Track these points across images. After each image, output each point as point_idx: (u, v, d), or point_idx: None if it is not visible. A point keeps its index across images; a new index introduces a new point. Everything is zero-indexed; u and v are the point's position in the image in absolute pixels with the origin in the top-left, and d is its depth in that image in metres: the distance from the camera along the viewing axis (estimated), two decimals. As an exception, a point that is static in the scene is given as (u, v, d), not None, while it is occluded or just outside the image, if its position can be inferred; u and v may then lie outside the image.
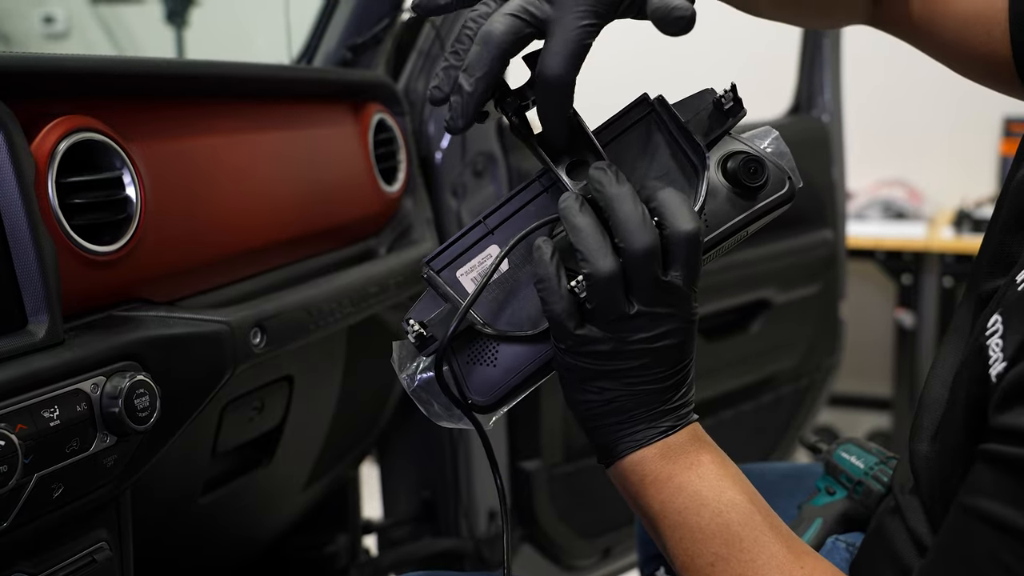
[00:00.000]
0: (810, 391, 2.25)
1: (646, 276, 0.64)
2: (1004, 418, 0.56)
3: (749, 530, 0.66)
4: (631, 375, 0.67)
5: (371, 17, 1.54)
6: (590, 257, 0.64)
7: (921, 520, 0.72)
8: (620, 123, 0.72)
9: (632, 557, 1.96)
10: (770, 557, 0.65)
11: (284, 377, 1.29)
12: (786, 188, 0.72)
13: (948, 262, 3.09)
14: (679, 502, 0.67)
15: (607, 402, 0.68)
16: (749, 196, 0.71)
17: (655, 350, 0.66)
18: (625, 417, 0.68)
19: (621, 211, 0.64)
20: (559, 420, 1.81)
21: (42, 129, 0.86)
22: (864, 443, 0.97)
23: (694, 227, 0.64)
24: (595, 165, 0.67)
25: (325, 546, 1.66)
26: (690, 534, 0.66)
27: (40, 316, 0.82)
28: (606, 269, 0.64)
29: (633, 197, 0.65)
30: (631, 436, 0.68)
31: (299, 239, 1.24)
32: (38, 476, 0.79)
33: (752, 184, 0.71)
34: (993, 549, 0.55)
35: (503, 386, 0.72)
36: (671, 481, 0.67)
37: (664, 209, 0.65)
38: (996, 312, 0.60)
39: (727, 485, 0.67)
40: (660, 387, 0.67)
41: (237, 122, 1.17)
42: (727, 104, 0.71)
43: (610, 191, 0.65)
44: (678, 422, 0.68)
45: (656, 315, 0.65)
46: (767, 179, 0.71)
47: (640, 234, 0.63)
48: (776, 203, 0.72)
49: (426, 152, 1.64)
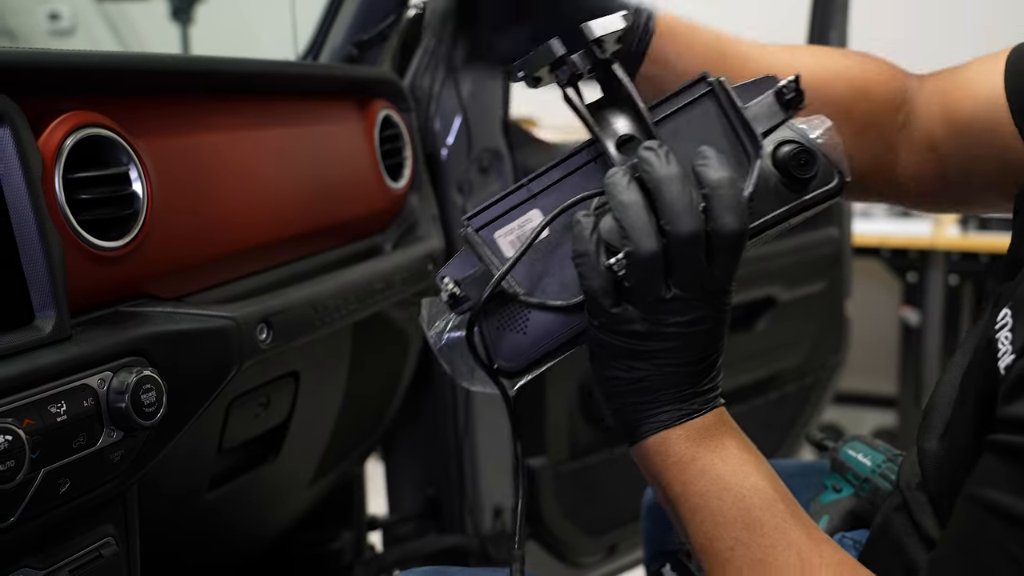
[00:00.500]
0: (815, 389, 2.25)
1: (687, 262, 0.64)
2: (1012, 408, 0.56)
3: (770, 516, 0.65)
4: (661, 357, 0.66)
5: (377, 13, 1.54)
6: (633, 236, 0.63)
7: (928, 516, 0.72)
8: (676, 101, 0.70)
9: (637, 554, 1.97)
10: (790, 544, 0.64)
11: (290, 373, 1.29)
12: (835, 182, 0.70)
13: (954, 260, 3.09)
14: (701, 485, 0.67)
15: (635, 381, 0.67)
16: (797, 187, 0.70)
17: (687, 335, 0.66)
18: (652, 397, 0.67)
19: (669, 193, 0.63)
20: (564, 417, 1.81)
21: (49, 125, 0.86)
22: (871, 440, 0.97)
23: (740, 224, 0.64)
24: (646, 144, 0.66)
25: (330, 542, 1.66)
26: (711, 517, 0.66)
27: (47, 311, 0.82)
28: (648, 249, 0.63)
29: (682, 180, 0.63)
30: (656, 416, 0.68)
31: (305, 235, 1.24)
32: (45, 471, 0.79)
33: (801, 176, 0.70)
34: (1000, 539, 0.55)
35: (531, 354, 0.71)
36: (694, 463, 0.67)
37: (715, 202, 0.64)
38: (1006, 306, 0.60)
39: (750, 470, 0.67)
40: (689, 371, 0.67)
41: (243, 118, 1.17)
42: (788, 95, 0.68)
43: (660, 172, 0.64)
44: (704, 405, 0.68)
45: (692, 301, 0.65)
46: (817, 171, 0.70)
47: (687, 219, 0.63)
48: (823, 196, 0.71)
49: (432, 148, 1.64)
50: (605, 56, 0.68)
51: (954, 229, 3.12)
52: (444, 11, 1.63)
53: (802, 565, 0.64)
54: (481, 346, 0.72)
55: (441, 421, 1.74)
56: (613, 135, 0.69)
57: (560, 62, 0.68)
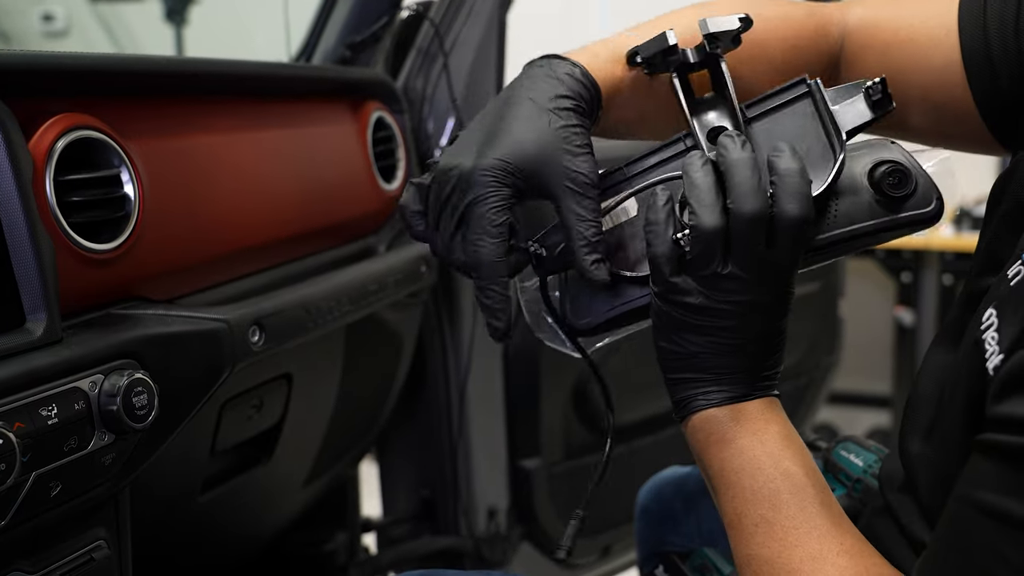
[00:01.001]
0: (809, 389, 2.25)
1: (746, 241, 0.67)
2: (1001, 408, 0.56)
3: (798, 499, 0.67)
4: (716, 334, 0.69)
5: (370, 15, 1.54)
6: (698, 210, 0.67)
7: (916, 519, 0.72)
8: (773, 100, 0.74)
9: (632, 555, 1.96)
10: (813, 527, 0.66)
11: (283, 375, 1.29)
12: (931, 207, 0.72)
13: (948, 260, 3.09)
14: (737, 463, 0.69)
15: (690, 355, 0.70)
16: (890, 205, 0.72)
17: (743, 315, 0.68)
18: (704, 375, 0.70)
19: (738, 175, 0.67)
20: (559, 418, 1.81)
21: (40, 127, 0.86)
22: (863, 441, 0.97)
23: (801, 212, 0.66)
24: (726, 132, 0.70)
25: (324, 544, 1.66)
26: (742, 494, 0.69)
27: (38, 314, 0.82)
28: (710, 224, 0.66)
29: (753, 165, 0.67)
30: (705, 394, 0.71)
31: (298, 237, 1.24)
32: (36, 474, 0.79)
33: (893, 194, 0.71)
34: (992, 540, 0.54)
35: (599, 316, 0.77)
36: (734, 443, 0.70)
37: (780, 187, 0.67)
38: (990, 306, 0.60)
39: (787, 456, 0.69)
40: (742, 351, 0.70)
41: (235, 120, 1.16)
42: (875, 96, 0.71)
43: (732, 156, 0.67)
44: (754, 390, 0.71)
45: (749, 282, 0.67)
46: (912, 192, 0.71)
47: (750, 199, 0.66)
48: (916, 219, 0.72)
49: (425, 150, 1.64)
50: (716, 51, 0.73)
51: (948, 229, 3.12)
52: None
53: (820, 548, 0.66)
54: (558, 304, 0.79)
55: (435, 422, 1.74)
56: (706, 126, 0.74)
57: (672, 50, 0.73)
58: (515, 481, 1.80)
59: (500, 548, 1.79)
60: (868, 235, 0.72)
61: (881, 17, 0.86)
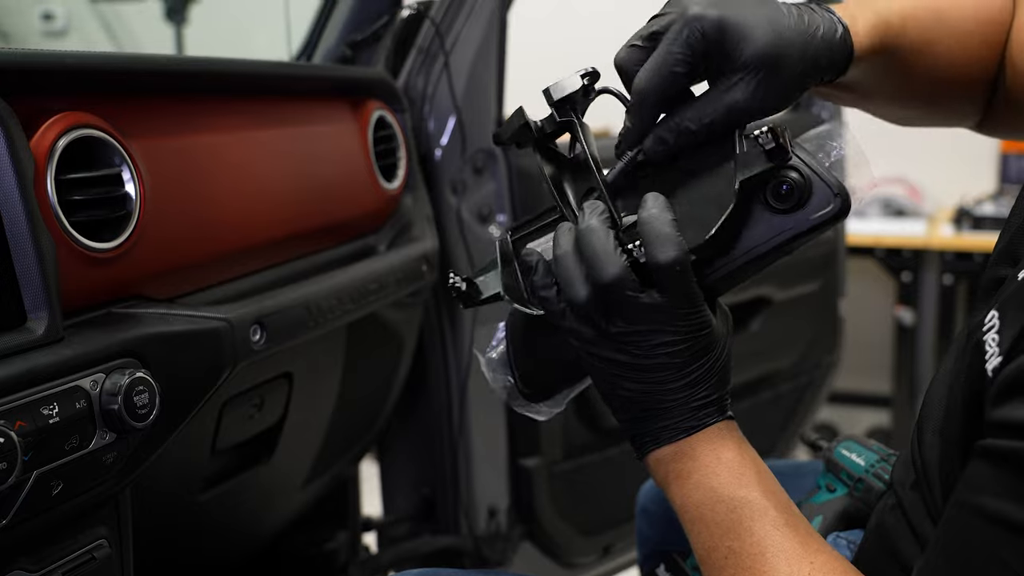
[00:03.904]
0: (810, 388, 2.25)
1: (619, 302, 0.68)
2: (1000, 412, 0.55)
3: (761, 524, 0.67)
4: (642, 379, 0.70)
5: (371, 14, 1.54)
6: (564, 288, 0.70)
7: (924, 517, 0.72)
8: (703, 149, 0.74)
9: (632, 554, 1.96)
10: (780, 551, 0.66)
11: (284, 374, 1.29)
12: (831, 206, 0.69)
13: (948, 259, 3.09)
14: (696, 497, 0.70)
15: (628, 399, 0.71)
16: (788, 215, 0.70)
17: (658, 356, 0.69)
18: (647, 414, 0.71)
19: (587, 246, 0.69)
20: (558, 417, 1.80)
21: (41, 126, 0.86)
22: (865, 440, 0.97)
23: (669, 257, 0.67)
24: (588, 203, 0.71)
25: (325, 543, 1.66)
26: (707, 529, 0.69)
27: (39, 313, 0.82)
28: (578, 298, 0.69)
29: (599, 231, 0.68)
30: (653, 434, 0.71)
31: (299, 236, 1.24)
32: (37, 473, 0.79)
33: (785, 206, 0.70)
34: (991, 545, 0.54)
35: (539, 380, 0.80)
36: (690, 478, 0.70)
37: (645, 236, 0.68)
38: (993, 308, 0.60)
39: (744, 482, 0.69)
40: (673, 387, 0.70)
41: (236, 119, 1.16)
42: (767, 145, 0.69)
43: (580, 227, 0.70)
44: (700, 422, 0.71)
45: (644, 331, 0.69)
46: (807, 198, 0.70)
47: (604, 266, 0.68)
48: (819, 222, 0.70)
49: (426, 149, 1.64)
50: (567, 117, 0.74)
51: (948, 229, 3.12)
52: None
53: (791, 571, 0.65)
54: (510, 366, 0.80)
55: (436, 422, 1.74)
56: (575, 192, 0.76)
57: (526, 126, 0.75)
58: (515, 480, 1.80)
59: (500, 547, 1.79)
60: (775, 249, 0.71)
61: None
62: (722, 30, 0.69)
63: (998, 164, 3.37)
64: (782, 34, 0.70)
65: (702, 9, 0.70)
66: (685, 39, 0.70)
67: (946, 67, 0.84)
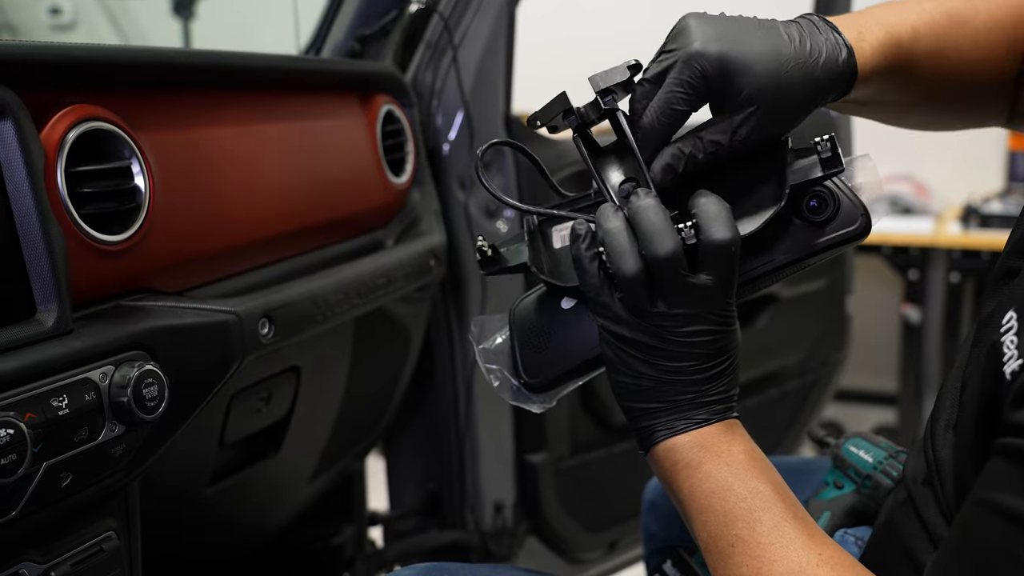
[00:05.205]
0: (816, 386, 2.25)
1: (667, 280, 0.69)
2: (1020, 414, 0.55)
3: (770, 515, 0.68)
4: (664, 367, 0.71)
5: (379, 8, 1.54)
6: (614, 258, 0.70)
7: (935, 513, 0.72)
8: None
9: (638, 550, 1.96)
10: (789, 541, 0.66)
11: (291, 368, 1.29)
12: (856, 224, 0.73)
13: (955, 257, 3.09)
14: (706, 487, 0.70)
15: (644, 388, 0.72)
16: (814, 229, 0.73)
17: (688, 344, 0.70)
18: (662, 405, 0.72)
19: (643, 221, 0.69)
20: (564, 413, 1.81)
21: (52, 118, 0.86)
22: (873, 437, 0.97)
23: (725, 236, 0.69)
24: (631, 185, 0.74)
25: (331, 538, 1.66)
26: (714, 517, 0.69)
27: (49, 305, 0.82)
28: (628, 270, 0.69)
29: (657, 208, 0.70)
30: (666, 424, 0.72)
31: (307, 230, 1.24)
32: (47, 465, 0.79)
33: (814, 219, 0.73)
34: (1007, 543, 0.54)
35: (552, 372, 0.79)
36: (701, 467, 0.71)
37: (701, 216, 0.69)
38: (1011, 309, 0.60)
39: (754, 475, 0.70)
40: (694, 379, 0.71)
41: (245, 113, 1.16)
42: (824, 154, 0.72)
43: (636, 203, 0.70)
44: (713, 416, 0.72)
45: (683, 315, 0.70)
46: (835, 214, 0.73)
47: (658, 241, 0.69)
48: (840, 240, 0.73)
49: (434, 144, 1.64)
50: (611, 106, 0.75)
51: (955, 227, 3.11)
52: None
53: (800, 561, 0.66)
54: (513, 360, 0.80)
55: (442, 417, 1.74)
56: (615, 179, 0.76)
57: (569, 112, 0.75)
58: (521, 476, 1.80)
59: (506, 542, 1.79)
60: (795, 261, 0.74)
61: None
62: (723, 66, 0.71)
63: (1006, 162, 3.36)
64: (783, 65, 0.72)
65: (702, 46, 0.71)
66: (687, 79, 0.72)
67: (965, 71, 0.83)
